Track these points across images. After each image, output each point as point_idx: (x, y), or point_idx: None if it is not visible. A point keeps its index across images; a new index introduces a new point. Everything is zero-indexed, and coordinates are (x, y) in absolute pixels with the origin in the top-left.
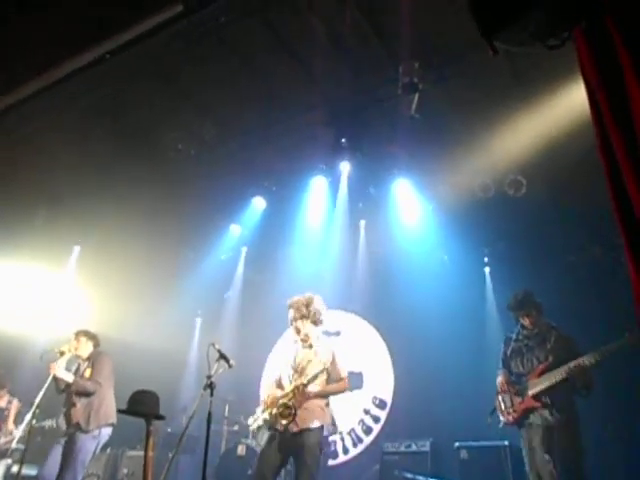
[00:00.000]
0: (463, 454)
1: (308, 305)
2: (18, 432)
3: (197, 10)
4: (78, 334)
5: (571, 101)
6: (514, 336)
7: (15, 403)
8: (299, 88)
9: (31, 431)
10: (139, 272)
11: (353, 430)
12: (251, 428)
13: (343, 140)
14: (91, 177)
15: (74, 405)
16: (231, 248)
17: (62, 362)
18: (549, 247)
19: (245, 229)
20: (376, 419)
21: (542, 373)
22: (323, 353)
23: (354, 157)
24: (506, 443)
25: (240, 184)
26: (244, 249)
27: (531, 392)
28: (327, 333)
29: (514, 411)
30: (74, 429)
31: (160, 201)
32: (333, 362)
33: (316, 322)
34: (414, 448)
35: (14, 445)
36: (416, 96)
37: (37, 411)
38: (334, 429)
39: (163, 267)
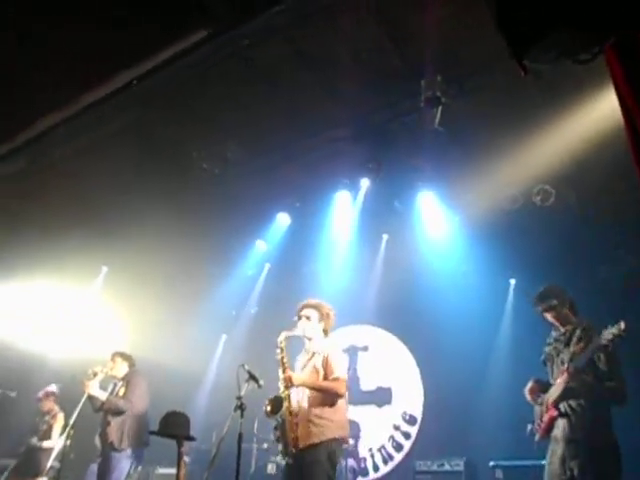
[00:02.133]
0: (498, 474)
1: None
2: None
3: (221, 34)
4: (114, 355)
5: (600, 110)
6: (548, 340)
7: (59, 417)
8: (322, 105)
9: (66, 450)
10: (163, 291)
11: (383, 447)
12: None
13: (366, 155)
14: (117, 197)
15: (109, 424)
16: (256, 264)
17: (96, 381)
18: (579, 258)
19: (269, 245)
20: (407, 435)
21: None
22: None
23: (378, 171)
24: (544, 462)
25: (264, 201)
26: (267, 265)
27: (549, 400)
28: (355, 348)
29: (542, 422)
30: (109, 448)
31: (185, 219)
32: (326, 361)
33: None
34: (447, 467)
35: (50, 463)
36: (439, 109)
37: (72, 431)
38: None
39: (187, 285)
